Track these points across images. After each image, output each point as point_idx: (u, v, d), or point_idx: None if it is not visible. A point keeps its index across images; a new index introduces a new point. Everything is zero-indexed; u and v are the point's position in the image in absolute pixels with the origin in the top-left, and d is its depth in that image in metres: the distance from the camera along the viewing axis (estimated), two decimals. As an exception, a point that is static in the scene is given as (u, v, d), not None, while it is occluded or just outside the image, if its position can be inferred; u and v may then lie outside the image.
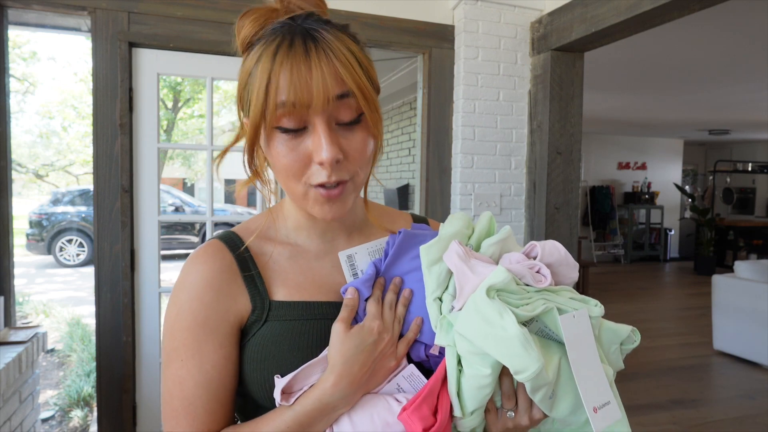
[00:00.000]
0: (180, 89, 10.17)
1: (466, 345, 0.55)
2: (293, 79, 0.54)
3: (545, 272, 0.59)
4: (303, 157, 0.57)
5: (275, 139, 0.58)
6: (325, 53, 0.55)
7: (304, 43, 0.55)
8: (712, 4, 1.79)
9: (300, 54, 0.55)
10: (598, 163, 9.06)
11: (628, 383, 3.50)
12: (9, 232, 2.06)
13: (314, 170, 0.57)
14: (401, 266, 0.65)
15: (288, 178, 0.59)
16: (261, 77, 0.55)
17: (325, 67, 0.55)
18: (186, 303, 0.60)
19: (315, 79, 0.54)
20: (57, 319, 5.12)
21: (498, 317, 0.52)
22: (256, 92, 0.56)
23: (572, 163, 2.51)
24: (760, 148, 9.37)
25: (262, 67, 0.56)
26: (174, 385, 0.59)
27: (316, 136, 0.56)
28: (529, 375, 0.50)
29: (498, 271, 0.56)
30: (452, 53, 2.52)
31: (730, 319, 4.05)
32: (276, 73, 0.55)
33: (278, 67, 0.55)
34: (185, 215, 9.85)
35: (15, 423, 1.99)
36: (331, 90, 0.55)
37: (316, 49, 0.55)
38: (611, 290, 6.72)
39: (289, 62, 0.54)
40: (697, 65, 3.94)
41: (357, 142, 0.59)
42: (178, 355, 0.60)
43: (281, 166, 0.58)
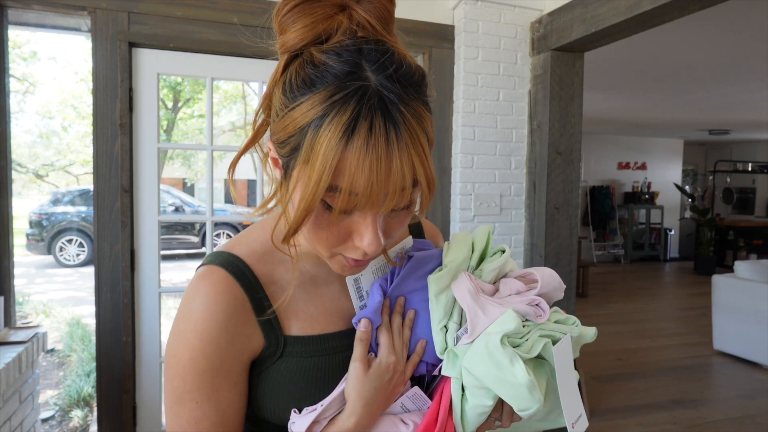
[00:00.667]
0: (180, 89, 10.18)
1: (472, 380, 0.59)
2: (371, 176, 0.47)
3: (544, 307, 0.63)
4: (343, 234, 0.53)
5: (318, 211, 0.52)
6: (406, 145, 0.48)
7: (386, 128, 0.47)
8: (712, 4, 1.80)
9: (381, 147, 0.47)
10: (598, 163, 9.06)
11: (628, 383, 3.50)
12: (9, 232, 2.06)
13: (350, 247, 0.54)
14: (406, 287, 0.65)
15: (318, 244, 0.55)
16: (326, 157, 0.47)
17: (405, 166, 0.48)
18: (199, 348, 0.57)
19: (392, 181, 0.48)
20: (57, 319, 5.12)
21: (509, 364, 0.56)
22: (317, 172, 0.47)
23: (572, 163, 2.51)
24: (760, 148, 9.37)
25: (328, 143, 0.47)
26: (188, 424, 0.58)
27: (365, 225, 0.52)
28: (531, 413, 0.56)
29: (510, 318, 0.59)
30: (452, 53, 2.52)
31: (730, 319, 4.05)
32: (351, 164, 0.47)
33: (355, 154, 0.47)
34: (185, 215, 9.85)
35: (15, 423, 1.99)
36: (403, 183, 0.49)
37: (397, 139, 0.48)
38: (611, 290, 6.72)
39: (368, 159, 0.47)
40: (697, 65, 3.94)
41: (401, 219, 0.55)
42: (192, 397, 0.58)
43: (313, 236, 0.54)
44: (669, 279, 7.87)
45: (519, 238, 2.61)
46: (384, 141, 0.47)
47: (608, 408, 3.08)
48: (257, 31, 0.64)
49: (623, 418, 2.95)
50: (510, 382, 0.55)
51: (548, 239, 2.49)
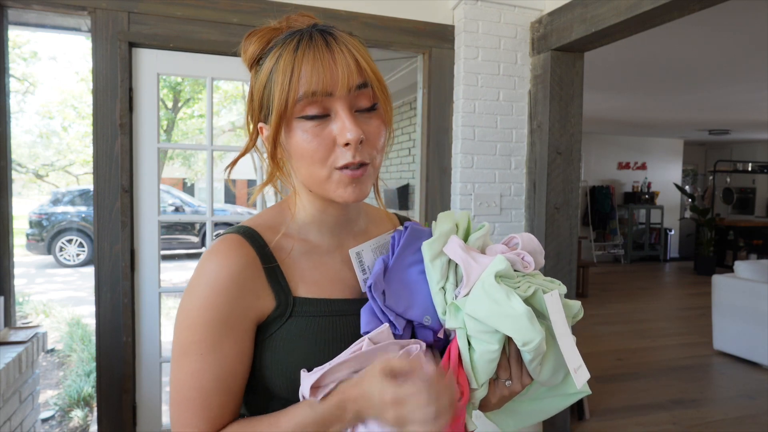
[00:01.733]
0: (180, 89, 10.17)
1: (476, 325, 0.62)
2: (317, 67, 0.59)
3: (529, 260, 0.69)
4: (327, 142, 0.61)
5: (298, 128, 0.61)
6: (345, 45, 0.61)
7: (324, 37, 0.61)
8: (712, 4, 1.80)
9: (321, 45, 0.60)
10: (598, 163, 9.06)
11: (628, 383, 3.50)
12: (9, 232, 2.06)
13: (339, 153, 0.61)
14: (406, 259, 0.71)
15: (313, 163, 0.62)
16: (284, 71, 0.59)
17: (347, 58, 0.60)
18: (209, 297, 0.60)
19: (340, 67, 0.59)
20: (57, 319, 5.12)
21: (506, 298, 0.60)
22: (279, 86, 0.59)
23: (572, 163, 2.51)
24: (760, 148, 9.37)
25: (284, 63, 0.60)
26: (190, 376, 0.60)
27: (340, 120, 0.60)
28: (535, 345, 0.59)
29: (499, 259, 0.64)
30: (452, 53, 2.52)
31: (730, 319, 4.05)
32: (299, 64, 0.59)
33: (300, 58, 0.59)
34: (185, 215, 9.85)
35: (15, 423, 1.99)
36: (353, 77, 0.60)
37: (336, 42, 0.61)
38: (611, 290, 6.71)
39: (311, 53, 0.59)
40: (697, 65, 3.94)
41: (374, 128, 0.64)
42: (197, 349, 0.60)
43: (306, 152, 0.61)
44: (669, 279, 7.87)
45: (519, 238, 2.61)
46: (323, 43, 0.60)
47: (608, 408, 3.08)
48: None
49: (623, 418, 2.95)
50: (510, 315, 0.59)
51: (548, 239, 2.49)
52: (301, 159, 0.62)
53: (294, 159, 0.64)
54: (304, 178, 0.65)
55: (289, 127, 0.62)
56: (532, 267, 0.68)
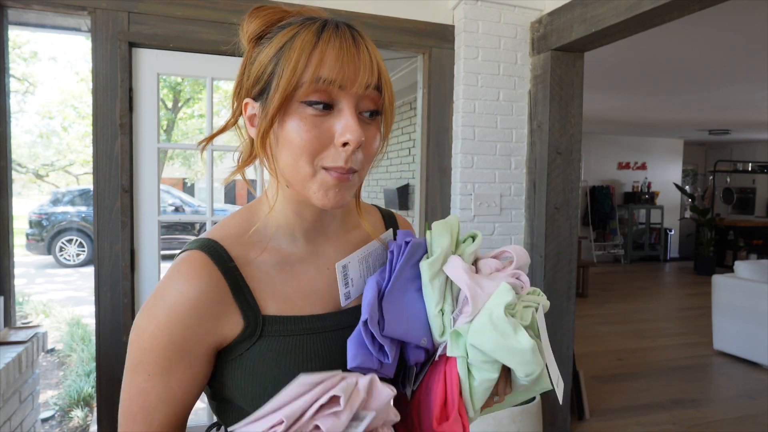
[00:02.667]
0: (180, 89, 10.18)
1: (479, 355, 0.62)
2: (342, 56, 0.55)
3: (525, 279, 0.69)
4: (325, 136, 0.57)
5: (297, 113, 0.56)
6: (367, 45, 0.58)
7: (350, 31, 0.58)
8: (712, 4, 1.80)
9: (348, 38, 0.57)
10: (598, 163, 9.06)
11: (628, 383, 3.50)
12: (9, 232, 2.06)
13: (332, 152, 0.57)
14: (403, 277, 0.67)
15: (301, 155, 0.57)
16: (302, 48, 0.55)
17: (371, 56, 0.58)
18: (164, 324, 0.57)
19: (362, 63, 0.56)
20: (57, 319, 5.12)
21: (513, 332, 0.61)
22: (293, 63, 0.55)
23: (572, 163, 2.51)
24: (760, 148, 9.37)
25: (302, 41, 0.56)
26: (136, 393, 0.59)
27: (345, 117, 0.57)
28: (536, 375, 0.61)
29: (506, 289, 0.64)
30: (452, 53, 2.52)
31: (730, 319, 4.05)
32: (323, 48, 0.55)
33: (325, 42, 0.55)
34: (185, 215, 9.85)
35: (15, 423, 1.99)
36: (372, 78, 0.57)
37: (362, 38, 0.58)
38: (611, 290, 6.71)
39: (338, 41, 0.56)
40: (697, 65, 3.94)
41: (371, 136, 0.60)
42: (145, 369, 0.58)
43: (299, 141, 0.56)
44: (669, 279, 7.87)
45: (519, 238, 2.61)
46: (350, 36, 0.57)
47: (608, 408, 3.08)
48: None
49: (623, 418, 2.95)
50: (516, 349, 0.60)
51: (548, 239, 2.49)
52: (290, 148, 0.57)
53: (281, 146, 0.58)
54: (287, 170, 0.59)
55: (287, 110, 0.57)
56: (528, 286, 0.68)
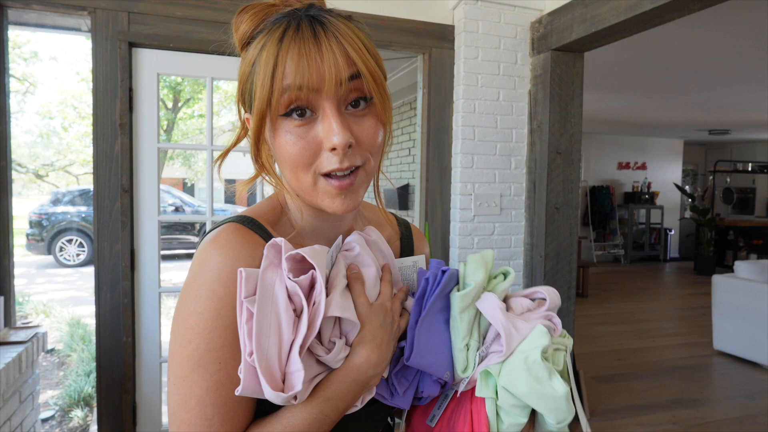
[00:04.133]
0: (180, 89, 10.18)
1: (510, 399, 0.61)
2: (302, 61, 0.52)
3: (557, 322, 0.67)
4: (313, 145, 0.55)
5: (282, 128, 0.55)
6: (335, 36, 0.54)
7: (312, 27, 0.54)
8: (712, 4, 1.80)
9: (308, 37, 0.53)
10: (598, 163, 9.05)
11: (628, 383, 3.50)
12: (9, 232, 2.06)
13: (324, 158, 0.55)
14: (435, 307, 0.66)
15: (297, 168, 0.56)
16: (266, 63, 0.53)
17: (336, 50, 0.53)
18: (225, 297, 0.53)
19: (326, 62, 0.53)
20: (57, 319, 5.11)
21: (548, 378, 0.59)
22: (261, 79, 0.54)
23: (572, 163, 2.51)
24: (760, 148, 9.37)
25: (267, 53, 0.54)
26: (208, 391, 0.52)
27: (327, 121, 0.54)
28: (566, 423, 0.59)
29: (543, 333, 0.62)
30: (452, 53, 2.52)
31: (730, 319, 4.05)
32: (283, 57, 0.53)
33: (285, 50, 0.53)
34: (185, 215, 9.85)
35: (15, 423, 1.99)
36: (342, 72, 0.53)
37: (325, 33, 0.54)
38: (611, 290, 6.71)
39: (296, 45, 0.53)
40: (698, 65, 3.94)
41: (367, 128, 0.57)
42: (215, 357, 0.53)
43: (289, 155, 0.55)
44: (669, 279, 7.87)
45: (519, 238, 2.61)
46: (311, 34, 0.53)
47: (608, 408, 3.08)
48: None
49: (623, 418, 2.95)
50: (551, 396, 0.58)
51: (548, 239, 2.49)
52: (286, 162, 0.56)
53: (279, 161, 0.58)
54: (291, 183, 0.59)
55: (273, 126, 0.56)
56: (560, 329, 0.67)
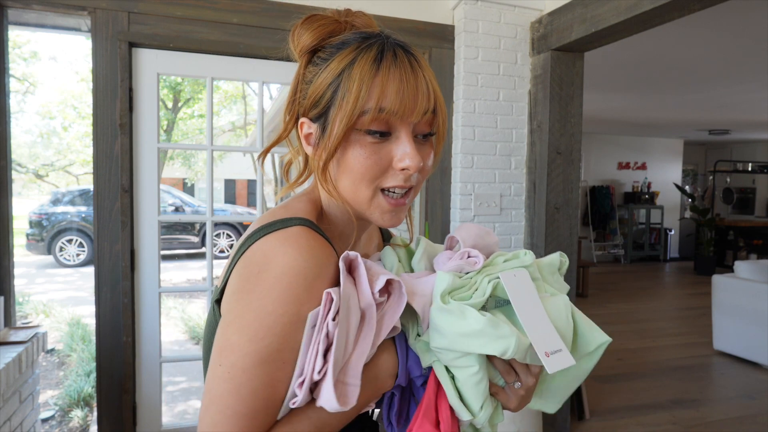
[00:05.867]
0: (180, 89, 10.18)
1: (447, 354, 0.59)
2: (402, 88, 0.57)
3: (475, 253, 0.65)
4: (384, 162, 0.59)
5: (357, 142, 0.59)
6: (423, 70, 0.60)
7: (408, 57, 0.59)
8: (712, 4, 1.80)
9: (407, 66, 0.58)
10: (598, 163, 9.05)
11: (628, 383, 3.50)
12: (9, 232, 2.06)
13: (390, 174, 0.60)
14: None
15: (362, 180, 0.60)
16: (363, 79, 0.56)
17: (428, 83, 0.59)
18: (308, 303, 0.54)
19: (420, 92, 0.58)
20: (57, 319, 5.12)
21: (461, 316, 0.56)
22: (355, 93, 0.56)
23: (572, 163, 2.51)
24: (760, 148, 9.37)
25: (362, 71, 0.57)
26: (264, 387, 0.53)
27: (403, 144, 0.59)
28: (512, 351, 0.55)
29: (440, 278, 0.60)
30: (452, 53, 2.52)
31: (730, 319, 4.05)
32: (383, 79, 0.57)
33: (386, 73, 0.57)
34: (185, 215, 9.85)
35: (15, 423, 1.99)
36: (429, 104, 0.59)
37: (420, 66, 0.59)
38: (611, 290, 6.71)
39: (398, 71, 0.57)
40: (697, 65, 3.94)
41: (425, 155, 0.62)
42: (282, 357, 0.54)
43: (360, 168, 0.59)
44: (669, 279, 7.87)
45: (519, 238, 2.61)
46: (408, 64, 0.58)
47: (608, 408, 3.08)
48: (259, 31, 0.68)
49: (623, 418, 2.95)
50: (473, 332, 0.55)
51: (548, 239, 2.49)
52: (350, 173, 0.60)
53: (341, 171, 0.61)
54: (346, 193, 0.62)
55: (347, 138, 0.59)
56: (481, 260, 0.64)
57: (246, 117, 11.42)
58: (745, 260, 4.62)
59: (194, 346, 4.33)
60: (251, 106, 11.42)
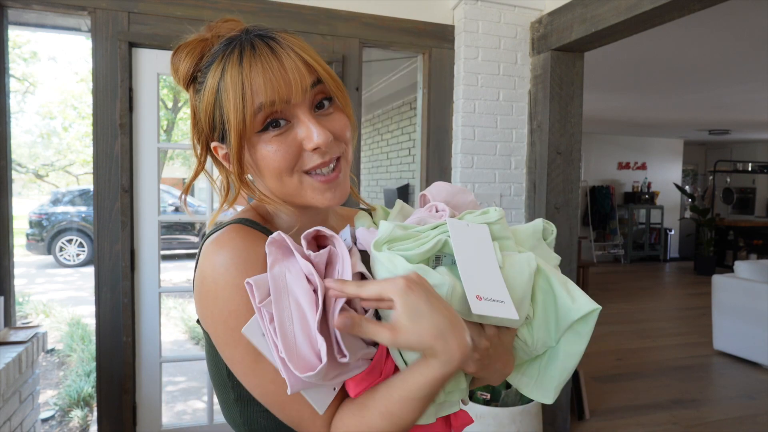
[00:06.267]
0: (180, 89, 10.16)
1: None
2: (268, 77, 0.55)
3: (441, 207, 0.65)
4: (293, 149, 0.59)
5: (260, 143, 0.58)
6: (290, 48, 0.57)
7: (266, 44, 0.57)
8: (712, 4, 1.80)
9: (267, 53, 0.56)
10: (598, 163, 9.05)
11: (628, 383, 3.50)
12: (9, 232, 2.06)
13: (306, 157, 0.59)
14: None
15: (282, 173, 0.59)
16: (233, 86, 0.56)
17: (296, 60, 0.57)
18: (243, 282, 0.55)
19: (290, 72, 0.56)
20: (57, 319, 5.12)
21: (391, 265, 0.54)
22: (232, 102, 0.56)
23: (572, 163, 2.51)
24: (760, 148, 9.37)
25: (230, 77, 0.56)
26: (277, 376, 0.54)
27: (304, 126, 0.58)
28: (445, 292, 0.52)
29: (381, 226, 0.58)
30: (452, 53, 2.52)
31: (730, 319, 4.05)
32: (248, 77, 0.55)
33: (248, 70, 0.56)
34: (185, 215, 9.83)
35: (15, 423, 1.99)
36: (306, 80, 0.57)
37: (281, 47, 0.57)
38: (611, 290, 6.71)
39: (259, 63, 0.56)
40: (697, 65, 3.94)
41: (337, 122, 0.61)
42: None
43: (273, 163, 0.59)
44: (669, 279, 7.87)
45: (519, 238, 2.61)
46: (268, 50, 0.56)
47: (608, 408, 3.08)
48: None
49: (623, 418, 2.95)
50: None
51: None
52: (269, 171, 0.59)
53: (261, 172, 0.61)
54: (276, 190, 0.62)
55: (250, 143, 0.59)
56: (447, 214, 0.63)
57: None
58: (745, 260, 4.62)
59: (194, 346, 4.34)
60: (251, 106, 11.40)
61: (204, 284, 0.57)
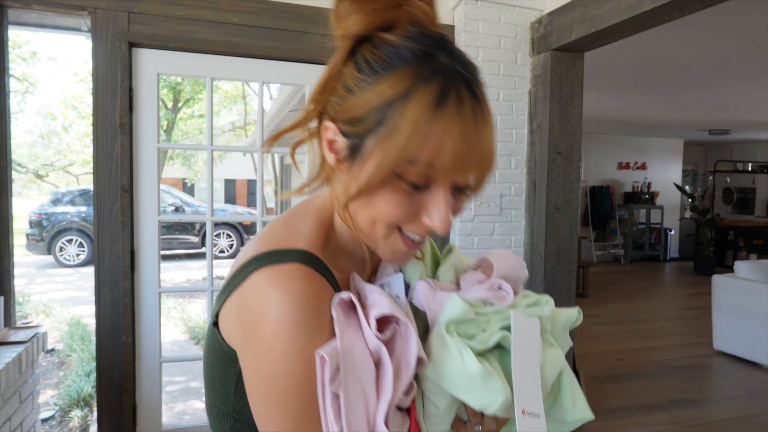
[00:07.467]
0: (180, 89, 10.18)
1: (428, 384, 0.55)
2: (460, 148, 0.49)
3: (506, 288, 0.60)
4: (413, 210, 0.53)
5: (392, 185, 0.51)
6: (486, 122, 0.51)
7: (471, 104, 0.50)
8: (712, 4, 1.80)
9: (470, 118, 0.49)
10: (598, 163, 9.05)
11: (628, 383, 3.50)
12: (9, 232, 2.06)
13: (415, 224, 0.54)
14: None
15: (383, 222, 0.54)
16: (417, 125, 0.48)
17: (487, 144, 0.51)
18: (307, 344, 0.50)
19: (477, 155, 0.50)
20: (57, 319, 5.12)
21: (458, 356, 0.51)
22: (404, 140, 0.48)
23: (572, 163, 2.51)
24: (760, 148, 9.37)
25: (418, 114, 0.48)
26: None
27: (437, 204, 0.52)
28: (494, 409, 0.51)
29: (454, 302, 0.55)
30: (452, 53, 2.52)
31: (730, 319, 4.05)
32: (441, 133, 0.48)
33: (445, 126, 0.48)
34: (185, 215, 9.85)
35: (15, 423, 1.99)
36: (481, 169, 0.52)
37: (483, 117, 0.51)
38: (611, 290, 6.71)
39: (459, 126, 0.48)
40: (697, 65, 3.93)
41: (459, 205, 0.56)
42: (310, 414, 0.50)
43: (387, 212, 0.53)
44: (669, 279, 7.87)
45: (519, 238, 2.61)
46: (471, 114, 0.49)
47: (608, 408, 3.08)
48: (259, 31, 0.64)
49: (623, 418, 2.95)
50: (465, 377, 0.51)
51: (548, 239, 2.49)
52: (373, 211, 0.53)
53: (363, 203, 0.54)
54: (362, 224, 0.55)
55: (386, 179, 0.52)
56: (510, 297, 0.60)
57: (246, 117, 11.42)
58: (745, 260, 4.62)
59: (194, 346, 4.34)
60: (251, 106, 11.43)
61: (257, 327, 0.51)
